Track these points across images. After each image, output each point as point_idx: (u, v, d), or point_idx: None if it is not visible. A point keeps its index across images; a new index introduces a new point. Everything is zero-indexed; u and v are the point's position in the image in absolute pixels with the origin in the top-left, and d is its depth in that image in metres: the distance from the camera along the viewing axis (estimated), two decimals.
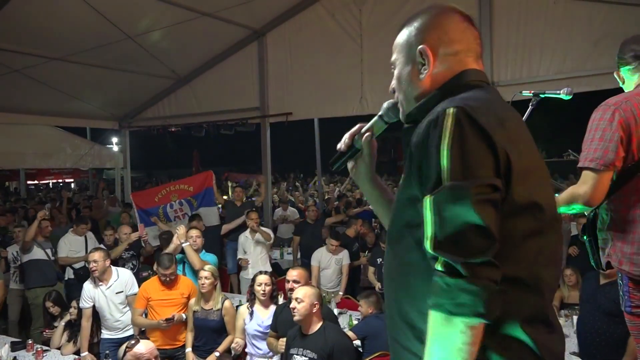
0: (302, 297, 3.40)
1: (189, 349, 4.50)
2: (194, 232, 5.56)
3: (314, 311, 3.42)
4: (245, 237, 6.70)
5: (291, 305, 3.46)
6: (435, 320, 1.04)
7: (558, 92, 2.41)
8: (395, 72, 1.32)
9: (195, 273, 4.97)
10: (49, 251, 6.53)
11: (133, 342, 3.33)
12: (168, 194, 7.90)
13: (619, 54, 2.24)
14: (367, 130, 1.45)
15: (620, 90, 2.27)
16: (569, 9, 6.08)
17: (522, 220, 1.09)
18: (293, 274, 4.06)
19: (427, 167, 1.08)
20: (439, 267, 1.04)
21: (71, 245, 6.70)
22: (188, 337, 4.56)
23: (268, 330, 4.20)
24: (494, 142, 1.04)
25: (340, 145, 1.48)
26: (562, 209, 2.08)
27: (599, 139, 1.99)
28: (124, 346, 3.34)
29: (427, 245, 1.04)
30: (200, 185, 8.01)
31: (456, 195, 1.02)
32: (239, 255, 6.76)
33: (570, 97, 2.39)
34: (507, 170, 1.06)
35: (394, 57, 1.33)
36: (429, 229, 1.04)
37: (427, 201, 1.05)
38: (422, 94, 1.25)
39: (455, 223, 1.01)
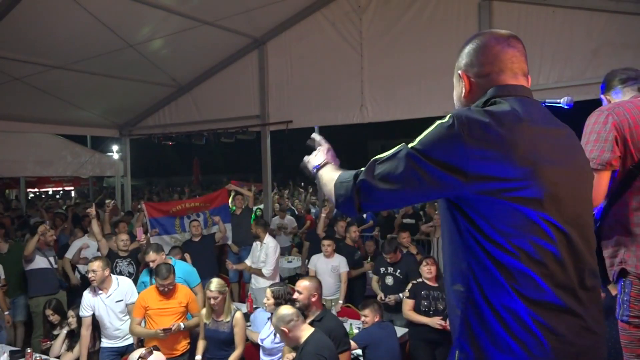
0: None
1: (199, 357, 4.49)
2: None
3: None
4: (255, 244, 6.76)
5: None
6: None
7: (558, 100, 2.40)
8: (454, 91, 1.61)
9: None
10: (52, 259, 6.51)
11: (144, 352, 3.30)
12: (184, 210, 7.92)
13: (606, 82, 2.39)
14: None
15: None
16: (568, 18, 6.10)
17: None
18: (300, 285, 4.03)
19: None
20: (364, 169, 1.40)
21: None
22: (199, 346, 4.55)
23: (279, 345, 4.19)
24: (464, 143, 1.28)
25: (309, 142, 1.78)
26: None
27: (594, 140, 2.08)
28: (136, 355, 3.31)
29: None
30: (216, 203, 8.03)
31: (408, 153, 1.33)
32: (248, 263, 6.76)
33: (571, 105, 2.39)
34: (471, 166, 1.28)
35: (453, 78, 1.61)
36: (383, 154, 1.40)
37: (401, 145, 1.38)
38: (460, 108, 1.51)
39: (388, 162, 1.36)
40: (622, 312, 2.10)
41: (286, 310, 3.48)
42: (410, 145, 1.34)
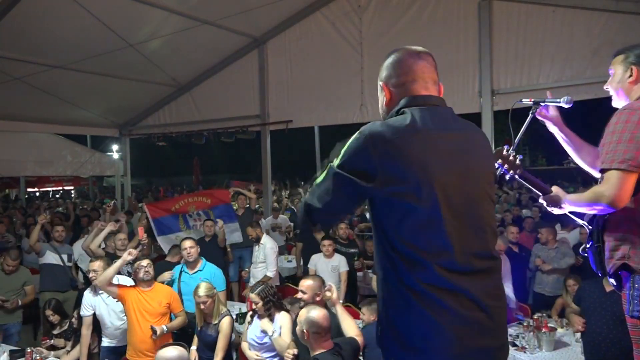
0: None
1: (193, 347, 4.48)
2: (188, 243, 5.41)
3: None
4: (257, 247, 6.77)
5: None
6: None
7: (558, 100, 2.40)
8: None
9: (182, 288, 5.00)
10: (65, 257, 6.40)
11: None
12: (185, 205, 7.86)
13: (633, 51, 2.16)
14: None
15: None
16: (568, 18, 6.10)
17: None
18: (304, 284, 3.95)
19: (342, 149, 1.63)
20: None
21: (81, 250, 6.65)
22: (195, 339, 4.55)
23: (263, 341, 4.18)
24: (370, 154, 1.52)
25: None
26: (583, 209, 2.06)
27: (628, 140, 1.94)
28: None
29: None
30: (217, 200, 7.94)
31: (329, 171, 1.61)
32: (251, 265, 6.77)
33: (571, 105, 2.39)
34: (376, 173, 1.52)
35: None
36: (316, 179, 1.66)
37: (328, 165, 1.62)
38: (386, 114, 1.75)
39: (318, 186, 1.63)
40: (633, 308, 2.09)
41: (319, 317, 3.17)
42: (333, 163, 1.59)
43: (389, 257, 1.60)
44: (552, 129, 2.45)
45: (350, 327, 3.46)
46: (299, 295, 3.92)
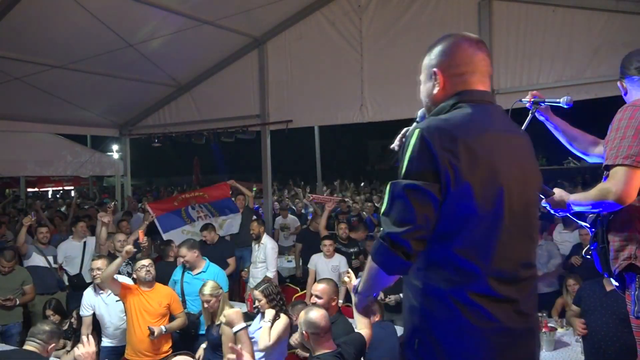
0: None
1: (203, 345, 4.47)
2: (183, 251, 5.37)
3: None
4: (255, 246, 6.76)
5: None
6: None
7: (558, 100, 2.40)
8: (421, 86, 1.70)
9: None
10: (50, 258, 6.43)
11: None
12: (186, 200, 7.92)
13: (623, 66, 2.22)
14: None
15: (620, 98, 2.26)
16: (568, 17, 6.10)
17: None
18: (317, 287, 3.88)
19: (400, 163, 1.49)
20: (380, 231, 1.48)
21: (67, 251, 6.63)
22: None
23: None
24: (435, 152, 1.39)
25: (395, 146, 1.81)
26: (590, 207, 2.05)
27: (633, 136, 1.94)
28: None
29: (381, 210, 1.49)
30: (217, 195, 8.00)
31: (394, 189, 1.45)
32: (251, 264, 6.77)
33: (570, 105, 2.39)
34: (443, 173, 1.40)
35: (421, 75, 1.70)
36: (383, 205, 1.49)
37: (388, 184, 1.47)
38: (434, 105, 1.62)
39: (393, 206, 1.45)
40: (638, 309, 2.08)
41: (316, 317, 3.14)
42: (395, 181, 1.46)
43: (435, 268, 1.49)
44: (540, 118, 2.46)
45: (361, 319, 3.45)
46: (313, 300, 3.81)
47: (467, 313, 1.45)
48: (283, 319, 4.04)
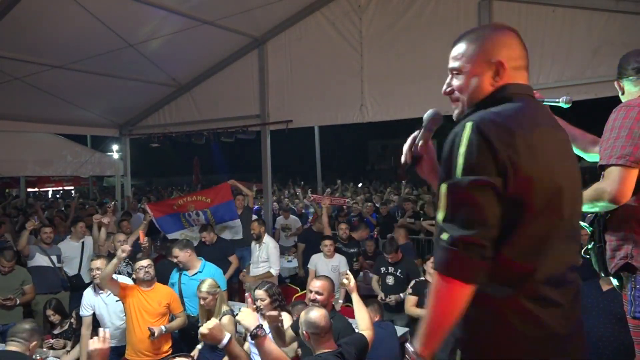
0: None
1: (199, 346, 4.44)
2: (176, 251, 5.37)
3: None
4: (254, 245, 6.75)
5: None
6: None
7: (557, 100, 2.41)
8: (463, 78, 1.56)
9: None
10: (54, 258, 6.43)
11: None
12: (185, 204, 7.84)
13: (621, 66, 2.25)
14: (419, 141, 1.73)
15: (619, 99, 2.27)
16: (568, 17, 6.10)
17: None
18: (316, 284, 3.83)
19: (449, 162, 1.38)
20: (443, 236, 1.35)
21: (65, 251, 6.64)
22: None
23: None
24: (496, 149, 1.31)
25: (405, 159, 1.74)
26: (585, 207, 2.05)
27: (626, 136, 1.96)
28: None
29: (438, 217, 1.38)
30: (218, 198, 7.87)
31: (461, 187, 1.33)
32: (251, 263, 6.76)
33: (570, 105, 2.39)
34: (504, 168, 1.31)
35: (458, 64, 1.57)
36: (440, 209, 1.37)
37: (444, 186, 1.37)
38: (483, 99, 1.52)
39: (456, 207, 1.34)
40: (635, 309, 2.09)
41: (317, 317, 3.09)
42: (453, 181, 1.35)
43: None
44: None
45: (363, 319, 3.45)
46: (314, 296, 3.77)
47: (514, 317, 1.37)
48: (286, 317, 4.04)
